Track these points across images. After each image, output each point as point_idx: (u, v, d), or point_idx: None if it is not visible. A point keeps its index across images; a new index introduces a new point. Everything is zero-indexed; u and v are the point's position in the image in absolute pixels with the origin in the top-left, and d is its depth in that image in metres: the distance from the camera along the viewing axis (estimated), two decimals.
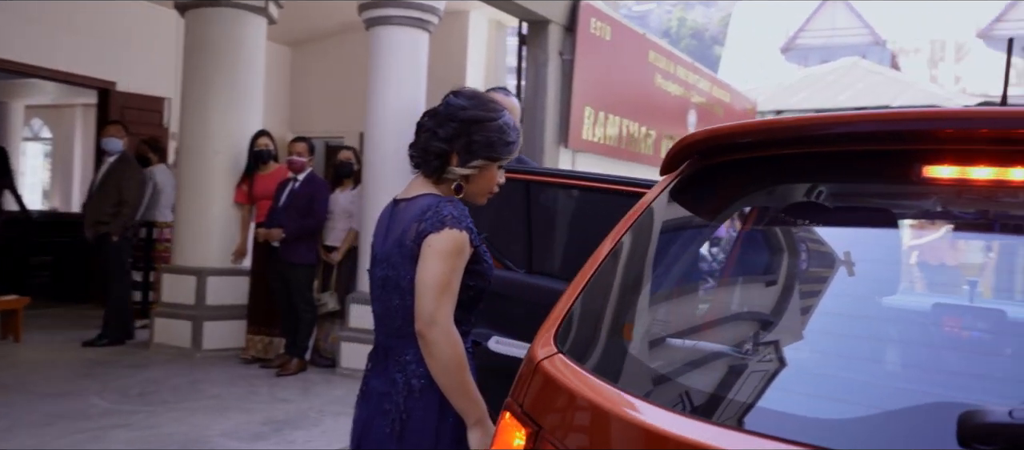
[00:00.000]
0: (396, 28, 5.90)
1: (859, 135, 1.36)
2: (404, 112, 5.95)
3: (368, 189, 5.99)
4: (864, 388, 1.06)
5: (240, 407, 4.92)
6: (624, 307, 1.36)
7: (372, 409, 1.98)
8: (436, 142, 1.96)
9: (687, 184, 1.53)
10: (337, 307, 6.10)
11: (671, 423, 1.11)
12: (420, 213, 1.91)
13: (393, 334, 1.98)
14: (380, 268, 2.00)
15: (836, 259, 1.35)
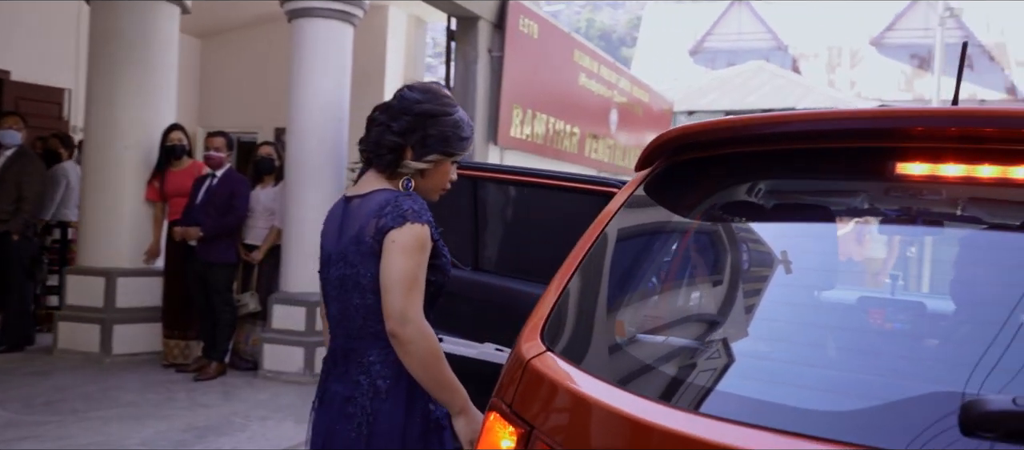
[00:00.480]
0: (320, 21, 5.75)
1: (836, 133, 1.40)
2: (328, 107, 5.81)
3: (291, 186, 5.82)
4: (863, 380, 1.09)
5: (158, 414, 4.69)
6: (614, 304, 1.36)
7: (335, 414, 1.91)
8: (390, 136, 1.91)
9: (662, 181, 1.54)
10: (258, 308, 5.90)
11: (675, 420, 1.11)
12: (378, 208, 1.85)
13: (354, 335, 1.91)
14: (335, 268, 1.93)
15: (813, 254, 1.39)
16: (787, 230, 1.44)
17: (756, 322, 1.28)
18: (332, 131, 5.83)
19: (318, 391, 2.03)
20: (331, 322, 1.99)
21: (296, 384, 5.53)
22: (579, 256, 1.46)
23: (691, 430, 1.09)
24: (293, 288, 5.77)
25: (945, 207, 1.32)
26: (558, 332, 1.35)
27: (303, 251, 5.75)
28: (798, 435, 1.05)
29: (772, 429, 1.06)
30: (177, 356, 5.92)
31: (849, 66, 23.92)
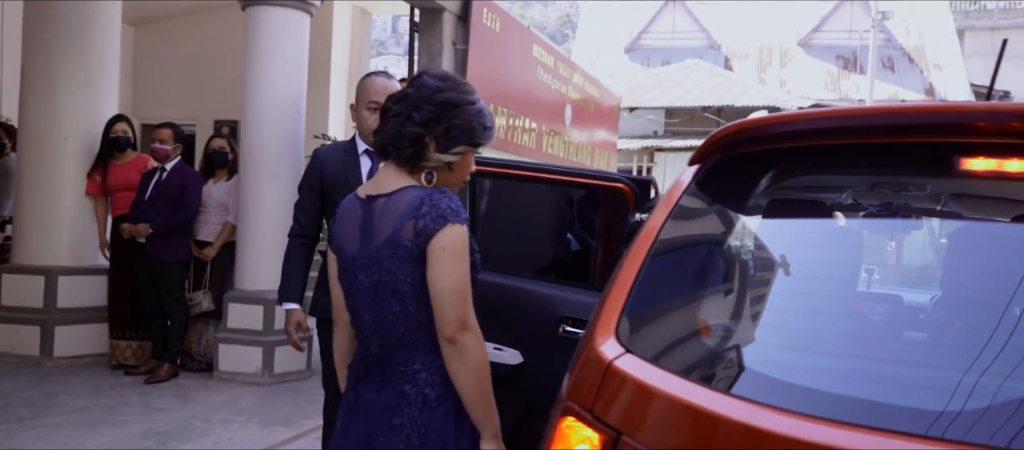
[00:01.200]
0: (277, 9, 5.56)
1: (894, 127, 1.40)
2: (285, 99, 5.63)
3: (246, 180, 5.61)
4: (965, 380, 1.09)
5: (112, 420, 4.46)
6: (693, 302, 1.33)
7: (376, 424, 1.81)
8: (411, 127, 1.80)
9: (718, 175, 1.52)
10: (211, 307, 5.68)
11: (780, 423, 1.08)
12: (412, 209, 1.75)
13: (393, 344, 1.81)
14: (366, 274, 1.81)
15: (881, 250, 1.39)
16: (855, 226, 1.44)
17: (840, 319, 1.27)
18: (289, 123, 5.65)
19: (347, 399, 1.93)
20: (363, 330, 1.87)
21: (254, 385, 5.35)
22: (643, 253, 1.42)
23: (800, 433, 1.07)
24: (250, 286, 5.57)
25: (1012, 203, 1.34)
26: (636, 333, 1.31)
27: (260, 247, 5.56)
28: (906, 435, 1.04)
29: (878, 429, 1.05)
30: (128, 358, 5.65)
31: (779, 66, 24.64)
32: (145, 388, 5.14)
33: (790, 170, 1.49)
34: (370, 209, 1.83)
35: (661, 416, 1.18)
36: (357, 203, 1.89)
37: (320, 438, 4.39)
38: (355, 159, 3.16)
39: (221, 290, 5.72)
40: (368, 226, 1.83)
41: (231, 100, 10.19)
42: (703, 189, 1.52)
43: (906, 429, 1.01)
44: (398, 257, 1.75)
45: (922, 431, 1.00)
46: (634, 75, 22.14)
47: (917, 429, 1.01)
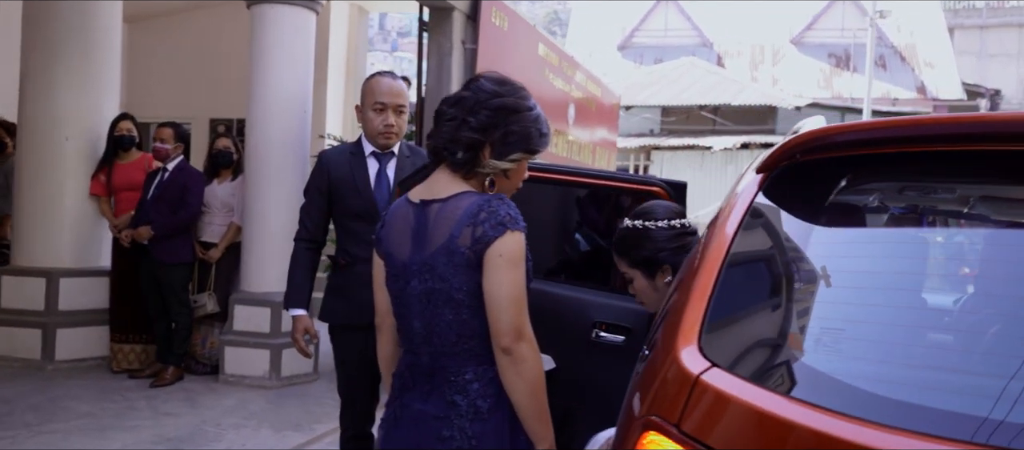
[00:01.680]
0: (284, 7, 5.48)
1: (974, 136, 1.37)
2: (292, 98, 5.56)
3: (252, 180, 5.54)
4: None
5: (121, 425, 4.39)
6: (772, 314, 1.29)
7: (422, 435, 1.77)
8: (467, 132, 1.75)
9: (787, 182, 1.48)
10: (216, 309, 5.61)
11: (887, 441, 1.05)
12: (470, 215, 1.70)
13: (444, 352, 1.77)
14: (419, 280, 1.77)
15: (959, 260, 1.36)
16: (929, 234, 1.41)
17: (917, 330, 1.24)
18: (296, 123, 5.58)
19: (392, 409, 1.88)
20: (412, 337, 1.82)
21: (261, 388, 5.29)
22: (718, 263, 1.38)
23: (899, 447, 1.04)
24: (256, 288, 5.50)
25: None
26: (718, 345, 1.27)
27: (267, 249, 5.50)
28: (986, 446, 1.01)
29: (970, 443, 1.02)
30: (132, 362, 5.57)
31: (771, 64, 24.70)
32: (151, 392, 5.07)
33: (859, 178, 1.45)
34: (424, 214, 1.79)
35: (753, 430, 1.15)
36: (409, 208, 1.84)
37: (335, 443, 4.35)
38: (362, 161, 3.11)
39: (226, 292, 5.66)
40: (422, 232, 1.78)
41: (226, 98, 10.14)
42: (771, 197, 1.48)
43: (987, 442, 0.98)
44: (454, 264, 1.71)
45: (1006, 443, 0.97)
46: (628, 73, 22.14)
47: (1002, 442, 0.98)
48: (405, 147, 3.19)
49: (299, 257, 3.14)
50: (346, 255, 3.09)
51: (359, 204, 3.06)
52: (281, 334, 5.42)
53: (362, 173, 3.08)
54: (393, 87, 3.09)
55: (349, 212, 3.08)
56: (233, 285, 5.71)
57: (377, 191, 3.09)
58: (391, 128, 3.07)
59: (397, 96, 3.08)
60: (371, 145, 3.10)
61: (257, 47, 5.55)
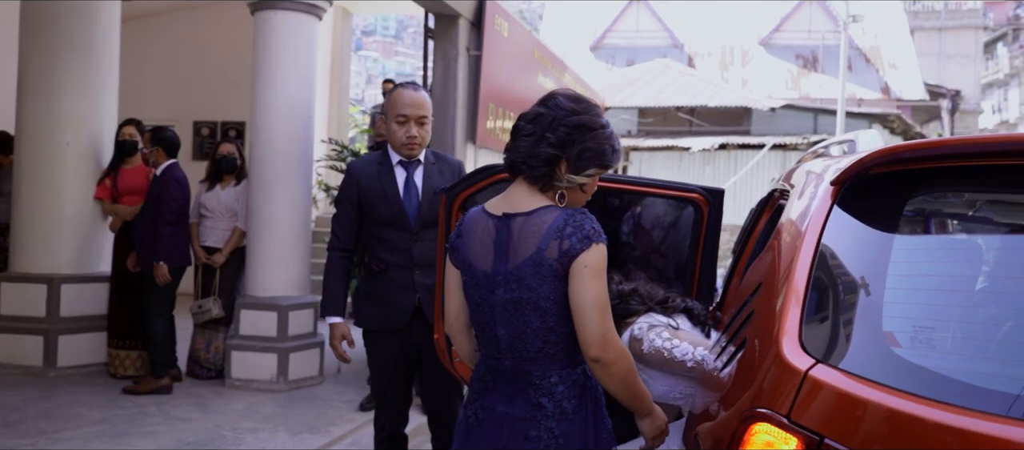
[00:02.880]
0: (287, 13, 5.52)
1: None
2: (296, 104, 5.60)
3: (256, 185, 5.57)
4: None
5: (137, 432, 4.40)
6: (872, 314, 1.42)
7: (508, 436, 1.86)
8: (546, 147, 1.84)
9: (862, 191, 1.61)
10: (221, 314, 5.61)
11: (982, 426, 1.18)
12: (556, 229, 1.80)
13: (529, 358, 1.87)
14: (504, 289, 1.85)
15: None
16: (993, 240, 1.55)
17: (991, 326, 1.38)
18: (300, 129, 5.62)
19: (472, 410, 1.97)
20: (497, 344, 1.91)
21: (269, 392, 5.32)
22: (808, 266, 1.51)
23: (1002, 434, 1.17)
24: (262, 292, 5.53)
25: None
26: (821, 344, 1.39)
27: (273, 253, 5.54)
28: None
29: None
30: (128, 368, 5.55)
31: (741, 65, 25.14)
32: (161, 398, 5.08)
33: (928, 189, 1.59)
34: (508, 227, 1.87)
35: (862, 420, 1.27)
36: (489, 220, 1.92)
37: (352, 445, 4.42)
38: (390, 170, 3.18)
39: (230, 296, 5.67)
40: (506, 243, 1.86)
41: (211, 101, 10.10)
42: (846, 207, 1.61)
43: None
44: (541, 275, 1.81)
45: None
46: (602, 74, 22.37)
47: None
48: (431, 155, 3.27)
49: (333, 266, 3.21)
50: (379, 262, 3.16)
51: (389, 212, 3.14)
52: (288, 337, 5.46)
53: (391, 182, 3.16)
54: (415, 99, 3.15)
55: (380, 220, 3.16)
56: (237, 290, 5.73)
57: (406, 199, 3.17)
58: (414, 139, 3.14)
59: (419, 108, 3.15)
60: (398, 155, 3.18)
61: (261, 52, 5.58)
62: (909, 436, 1.25)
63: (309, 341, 5.62)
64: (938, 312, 1.43)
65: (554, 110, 1.89)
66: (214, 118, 10.44)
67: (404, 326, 3.12)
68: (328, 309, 3.16)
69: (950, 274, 1.50)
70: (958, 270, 1.51)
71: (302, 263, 5.72)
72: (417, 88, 3.24)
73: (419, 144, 3.16)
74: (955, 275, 1.50)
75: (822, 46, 24.10)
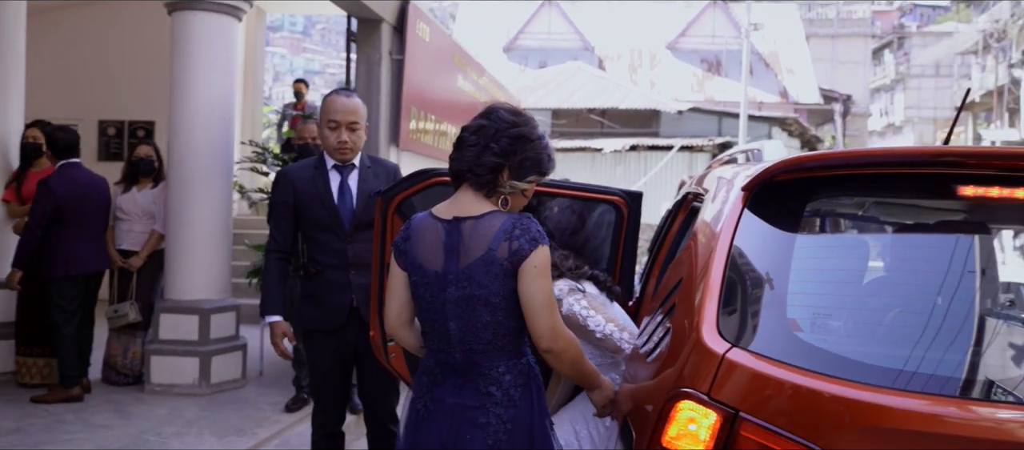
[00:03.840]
0: (207, 15, 5.46)
1: (911, 162, 1.78)
2: (217, 106, 5.55)
3: (175, 188, 5.49)
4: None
5: (54, 441, 4.31)
6: (778, 303, 1.63)
7: (457, 424, 1.99)
8: (491, 156, 2.00)
9: (769, 196, 1.83)
10: (138, 318, 5.51)
11: (876, 397, 1.41)
12: (506, 231, 1.95)
13: (479, 350, 2.01)
14: (457, 287, 1.99)
15: (901, 254, 1.76)
16: (879, 238, 1.80)
17: (894, 313, 1.62)
18: (220, 130, 5.57)
19: (421, 403, 2.08)
20: (447, 338, 2.03)
21: (192, 396, 5.26)
22: (722, 262, 1.71)
23: (888, 403, 1.41)
24: (182, 295, 5.46)
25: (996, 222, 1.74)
26: (736, 331, 1.60)
27: (193, 256, 5.48)
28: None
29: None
30: (35, 376, 5.39)
31: (649, 68, 25.93)
32: (78, 406, 4.95)
33: (825, 193, 1.83)
34: (458, 230, 2.01)
35: (773, 395, 1.48)
36: (437, 223, 2.05)
37: (283, 444, 4.46)
38: (325, 174, 3.27)
39: (148, 301, 5.58)
40: (457, 245, 2.00)
41: (117, 100, 9.77)
42: (755, 209, 1.83)
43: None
44: (492, 273, 1.96)
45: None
46: (515, 75, 22.66)
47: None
48: (367, 159, 3.37)
49: (270, 267, 3.27)
50: (316, 263, 3.24)
51: (324, 215, 3.22)
52: (210, 341, 5.41)
53: (325, 186, 3.24)
54: (347, 106, 3.24)
55: (315, 223, 3.24)
56: (156, 293, 5.64)
57: (341, 202, 3.26)
58: (345, 144, 3.23)
59: (350, 114, 3.24)
60: (332, 159, 3.26)
61: (180, 53, 5.50)
62: (811, 407, 1.47)
63: (231, 344, 5.59)
64: (834, 301, 1.67)
65: (496, 122, 2.05)
66: (120, 117, 10.10)
67: (341, 325, 3.20)
68: (267, 308, 3.22)
69: (844, 268, 1.74)
70: (851, 264, 1.76)
71: (224, 265, 5.67)
72: (350, 95, 3.32)
73: (351, 149, 3.24)
74: (848, 268, 1.74)
75: (725, 51, 25.13)
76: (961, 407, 1.49)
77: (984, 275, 1.67)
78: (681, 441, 1.58)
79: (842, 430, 1.43)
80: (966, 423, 1.42)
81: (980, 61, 32.13)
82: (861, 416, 1.42)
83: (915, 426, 1.40)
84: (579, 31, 26.57)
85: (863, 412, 1.43)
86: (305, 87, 10.67)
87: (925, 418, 1.42)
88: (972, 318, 1.65)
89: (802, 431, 1.46)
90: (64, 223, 5.06)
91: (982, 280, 1.67)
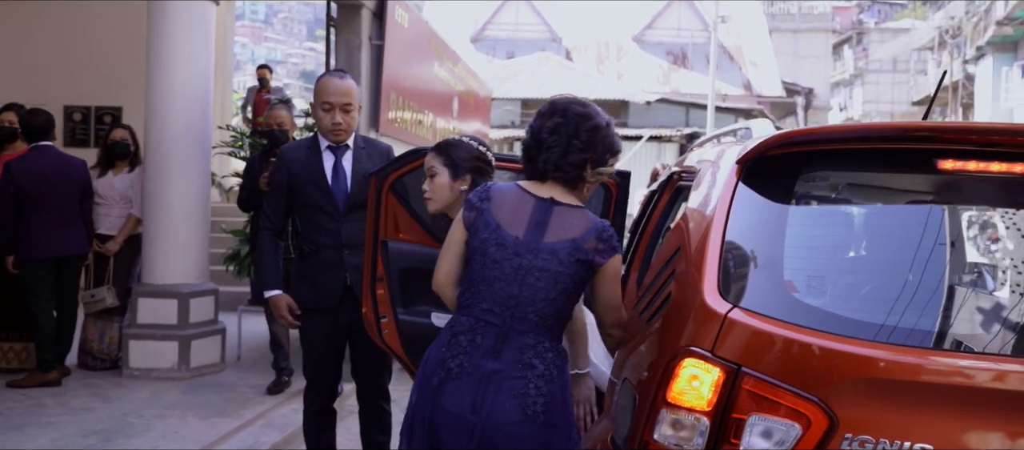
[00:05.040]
0: (183, 1, 5.43)
1: (893, 137, 1.90)
2: (193, 91, 5.53)
3: (153, 172, 5.46)
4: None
5: (36, 423, 4.29)
6: (775, 267, 1.73)
7: (494, 391, 2.04)
8: (576, 154, 2.11)
9: (762, 169, 1.94)
10: (115, 302, 5.48)
11: (868, 350, 1.53)
12: (597, 230, 2.11)
13: (531, 321, 2.07)
14: (535, 257, 2.07)
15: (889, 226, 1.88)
16: (865, 207, 1.92)
17: (878, 274, 1.74)
18: (198, 115, 5.55)
19: (453, 362, 2.09)
20: (499, 301, 2.08)
21: (171, 380, 5.25)
22: (721, 229, 1.81)
23: (873, 354, 1.53)
24: (160, 279, 5.44)
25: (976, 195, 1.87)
26: (735, 292, 1.70)
27: (171, 240, 5.46)
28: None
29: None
30: (11, 360, 5.34)
31: (616, 59, 26.15)
32: (57, 389, 4.93)
33: (815, 166, 1.94)
34: (548, 208, 2.12)
35: (772, 350, 1.59)
36: (528, 196, 2.15)
37: (265, 426, 4.49)
38: (319, 155, 3.31)
39: (125, 285, 5.55)
40: (546, 221, 2.11)
41: (82, 85, 9.60)
42: (749, 182, 1.93)
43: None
44: (574, 259, 2.09)
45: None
46: (482, 65, 22.68)
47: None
48: (361, 140, 3.42)
49: (265, 244, 3.32)
50: (310, 243, 3.29)
51: (318, 196, 3.27)
52: (190, 325, 5.41)
53: (319, 167, 3.29)
54: (340, 87, 3.29)
55: (310, 203, 3.28)
56: (132, 278, 5.61)
57: (334, 183, 3.31)
58: (338, 125, 3.28)
59: (344, 95, 3.29)
60: (326, 140, 3.31)
61: (156, 39, 5.46)
62: (809, 360, 1.58)
63: (210, 328, 5.58)
64: (826, 264, 1.78)
65: (572, 119, 2.14)
66: (86, 103, 9.94)
67: (335, 304, 3.26)
68: (266, 283, 3.27)
69: (835, 235, 1.86)
70: (841, 232, 1.87)
71: (202, 250, 5.66)
72: (343, 76, 3.37)
73: (344, 130, 3.29)
74: (838, 235, 1.85)
75: (691, 44, 25.45)
76: (938, 358, 1.61)
77: (954, 247, 1.81)
78: (685, 397, 1.68)
79: (838, 381, 1.54)
80: (941, 372, 1.56)
81: (936, 57, 33.00)
82: (854, 368, 1.54)
83: (902, 376, 1.53)
84: (546, 22, 26.69)
85: (856, 364, 1.54)
86: (269, 73, 10.61)
87: (909, 368, 1.54)
88: (944, 282, 1.78)
89: (800, 382, 1.57)
90: (27, 207, 5.01)
91: (953, 251, 1.80)
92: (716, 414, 1.62)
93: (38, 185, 5.04)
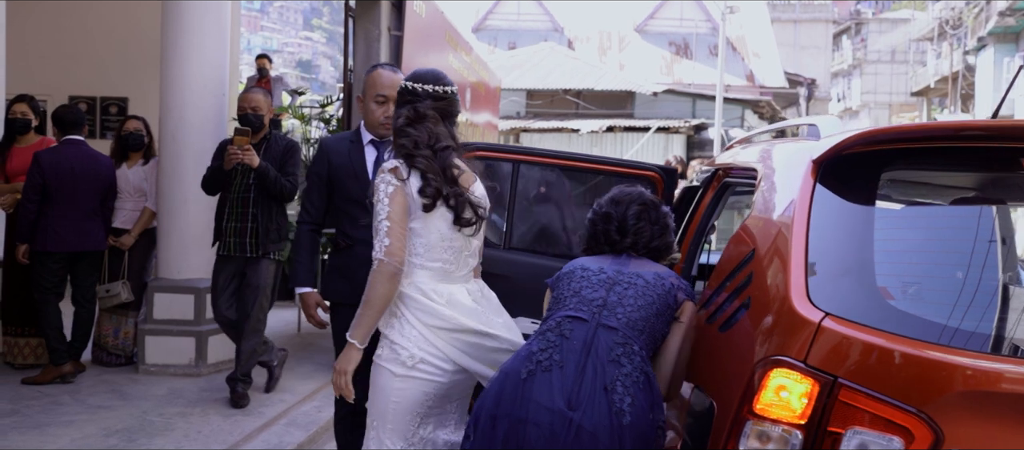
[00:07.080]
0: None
1: (978, 135, 1.82)
2: (209, 84, 5.42)
3: (168, 165, 5.36)
4: None
5: (56, 422, 4.21)
6: (866, 272, 1.66)
7: (585, 383, 2.01)
8: (672, 235, 2.41)
9: (840, 169, 1.86)
10: (130, 297, 5.39)
11: (962, 361, 1.46)
12: (673, 274, 2.28)
13: (615, 316, 2.12)
14: (618, 276, 2.22)
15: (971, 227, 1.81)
16: (953, 209, 1.85)
17: (973, 281, 1.66)
18: (213, 109, 5.46)
19: (543, 355, 2.08)
20: (577, 303, 2.16)
21: (188, 376, 5.18)
22: (803, 233, 1.74)
23: (973, 365, 1.46)
24: (177, 274, 5.35)
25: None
26: (824, 299, 1.63)
27: (187, 234, 5.36)
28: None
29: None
30: (28, 356, 5.25)
31: (618, 50, 26.00)
32: (73, 387, 4.84)
33: (898, 165, 1.86)
34: (627, 259, 2.32)
35: (874, 362, 1.52)
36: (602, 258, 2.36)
37: (289, 425, 4.42)
38: (360, 149, 3.25)
39: (140, 280, 5.46)
40: (627, 261, 2.31)
41: (88, 75, 9.48)
42: (828, 183, 1.86)
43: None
44: (659, 281, 2.24)
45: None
46: (484, 56, 22.56)
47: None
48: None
49: (302, 239, 3.27)
50: (346, 238, 3.22)
51: (357, 190, 3.19)
52: (206, 320, 5.32)
53: (360, 160, 3.22)
54: (394, 80, 3.22)
55: (348, 197, 3.21)
56: (147, 272, 5.52)
57: (375, 177, 3.24)
58: (391, 119, 3.21)
59: (397, 89, 3.23)
60: (369, 134, 3.23)
61: (171, 32, 5.35)
62: (913, 373, 1.51)
63: None
64: (918, 269, 1.71)
65: (647, 206, 2.37)
66: (92, 93, 9.82)
67: None
68: (297, 280, 3.22)
69: (926, 237, 1.78)
70: (929, 233, 1.80)
71: None
72: (395, 70, 3.31)
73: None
74: (930, 238, 1.78)
75: (693, 34, 25.31)
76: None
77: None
78: (773, 409, 1.61)
79: (945, 394, 1.47)
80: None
81: (935, 48, 32.91)
82: (965, 381, 1.47)
83: (1016, 390, 1.45)
84: (549, 12, 26.52)
85: (965, 377, 1.47)
86: (268, 63, 10.48)
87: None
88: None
89: (902, 395, 1.50)
90: (50, 198, 4.94)
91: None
92: (810, 426, 1.55)
93: (63, 179, 4.98)
